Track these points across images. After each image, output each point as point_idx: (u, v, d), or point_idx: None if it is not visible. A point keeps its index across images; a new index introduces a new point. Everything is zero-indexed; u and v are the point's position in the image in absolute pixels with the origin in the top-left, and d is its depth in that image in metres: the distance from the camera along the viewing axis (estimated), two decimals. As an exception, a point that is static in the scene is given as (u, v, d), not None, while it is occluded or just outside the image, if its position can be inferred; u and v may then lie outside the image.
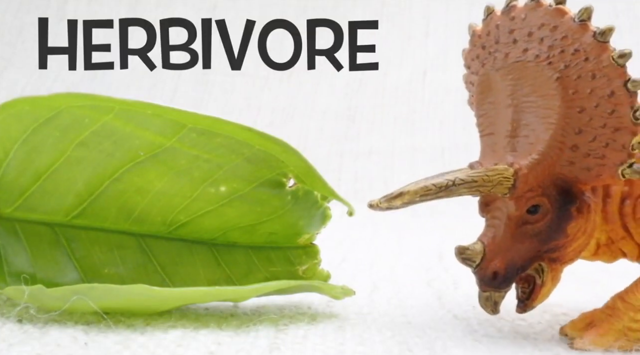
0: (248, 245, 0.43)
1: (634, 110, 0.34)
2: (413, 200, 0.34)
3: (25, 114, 0.40)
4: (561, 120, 0.35)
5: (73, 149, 0.41)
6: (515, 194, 0.35)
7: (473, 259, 0.36)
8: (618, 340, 0.37)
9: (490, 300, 0.37)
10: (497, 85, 0.38)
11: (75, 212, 0.42)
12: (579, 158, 0.36)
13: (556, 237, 0.36)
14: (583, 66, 0.35)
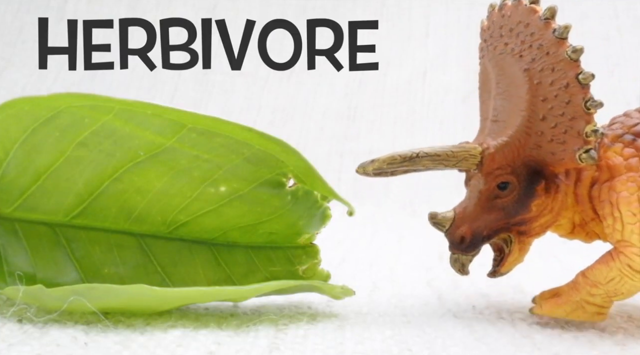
0: (248, 245, 0.43)
1: (585, 101, 0.38)
2: (381, 167, 0.38)
3: (25, 114, 0.40)
4: (528, 107, 0.39)
5: (73, 149, 0.41)
6: (483, 170, 0.40)
7: (442, 224, 0.40)
8: (574, 311, 0.41)
9: (458, 262, 0.41)
10: (490, 75, 0.42)
11: (75, 212, 0.42)
12: (544, 143, 0.39)
13: (521, 212, 0.40)
14: (545, 60, 0.39)
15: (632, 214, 0.38)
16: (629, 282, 0.39)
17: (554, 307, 0.41)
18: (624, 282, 0.39)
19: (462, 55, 1.10)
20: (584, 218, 0.41)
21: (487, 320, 0.42)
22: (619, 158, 0.40)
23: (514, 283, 0.51)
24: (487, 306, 0.45)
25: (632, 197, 0.38)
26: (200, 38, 1.18)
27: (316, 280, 0.43)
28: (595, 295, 0.40)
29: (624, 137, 0.40)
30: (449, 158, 0.39)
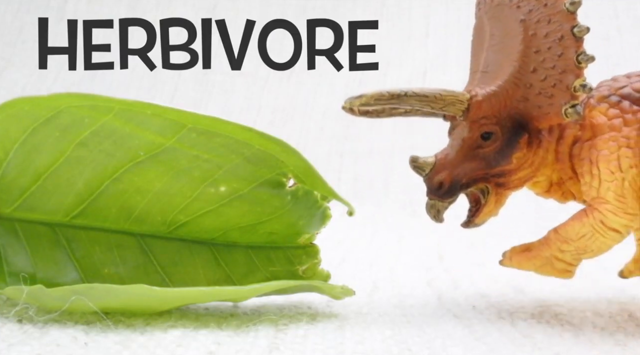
0: (248, 245, 0.43)
1: (578, 54, 0.38)
2: (369, 102, 0.38)
3: (25, 114, 0.40)
4: (520, 58, 0.39)
5: (73, 149, 0.41)
6: (468, 117, 0.40)
7: (422, 168, 0.40)
8: (543, 266, 0.42)
9: (434, 208, 0.41)
10: (485, 27, 0.42)
11: (75, 212, 0.42)
12: (532, 95, 0.39)
13: (502, 163, 0.40)
14: (542, 11, 0.39)
15: (610, 172, 0.39)
16: (600, 238, 0.40)
17: (523, 260, 0.42)
18: (595, 239, 0.40)
19: (462, 55, 1.10)
20: (562, 176, 0.41)
21: (487, 320, 0.42)
22: (602, 118, 0.40)
23: (515, 283, 0.51)
24: (487, 306, 0.45)
25: (612, 155, 0.39)
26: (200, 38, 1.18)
27: (316, 280, 0.43)
28: (565, 252, 0.41)
29: (610, 98, 0.40)
30: (436, 100, 0.39)
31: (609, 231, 0.40)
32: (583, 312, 0.46)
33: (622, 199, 0.39)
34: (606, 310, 0.46)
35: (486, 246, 0.63)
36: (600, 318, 0.44)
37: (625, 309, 0.46)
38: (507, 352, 0.37)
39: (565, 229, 0.41)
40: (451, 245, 0.67)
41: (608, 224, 0.39)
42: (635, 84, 0.40)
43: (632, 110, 0.39)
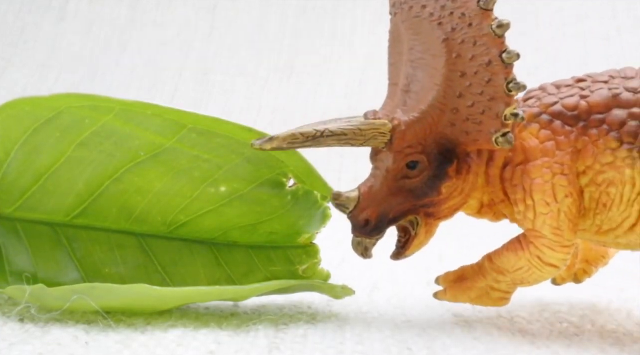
0: (248, 244, 0.43)
1: (507, 82, 0.35)
2: (281, 146, 0.36)
3: (26, 115, 0.40)
4: (444, 81, 0.36)
5: (73, 149, 0.41)
6: (392, 148, 0.37)
7: (346, 205, 0.37)
8: (479, 297, 0.40)
9: (361, 245, 0.39)
10: (402, 36, 0.39)
11: (76, 211, 0.42)
12: (459, 121, 0.37)
13: (430, 194, 0.37)
14: (467, 31, 0.36)
15: (546, 203, 0.37)
16: (536, 272, 0.38)
17: (458, 292, 0.40)
18: (531, 272, 0.38)
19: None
20: (493, 199, 0.39)
21: (487, 319, 0.42)
22: (534, 140, 0.37)
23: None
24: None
25: (547, 184, 0.37)
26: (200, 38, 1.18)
27: (316, 279, 0.43)
28: (500, 282, 0.39)
29: (541, 116, 0.38)
30: (356, 136, 0.36)
31: (546, 266, 0.38)
32: (582, 310, 0.46)
33: (558, 232, 0.37)
34: (605, 309, 0.46)
35: (485, 246, 0.63)
36: (599, 316, 0.44)
37: (624, 308, 0.46)
38: (506, 351, 0.37)
39: (500, 259, 0.39)
40: (451, 246, 0.67)
41: (545, 259, 0.38)
42: (565, 100, 0.38)
43: (564, 132, 0.37)
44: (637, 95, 0.37)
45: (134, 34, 1.18)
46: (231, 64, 1.14)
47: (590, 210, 0.38)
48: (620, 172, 0.37)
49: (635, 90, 0.37)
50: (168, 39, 1.17)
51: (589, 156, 0.37)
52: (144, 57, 1.15)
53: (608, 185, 0.37)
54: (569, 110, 0.38)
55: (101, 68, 1.14)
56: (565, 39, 1.08)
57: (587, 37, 1.07)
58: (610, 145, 0.37)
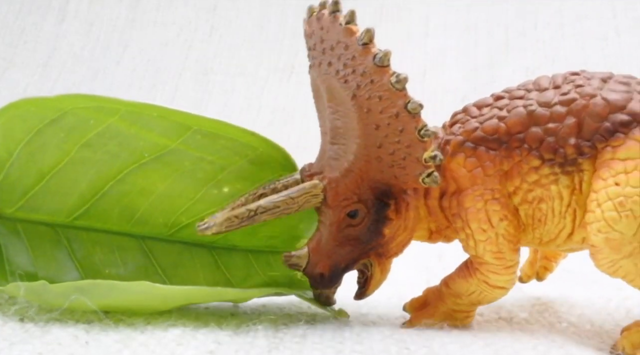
0: (247, 248, 0.43)
1: (418, 130, 0.36)
2: (220, 231, 0.37)
3: (31, 115, 0.40)
4: (362, 135, 0.37)
5: (77, 150, 0.41)
6: (328, 205, 0.38)
7: (299, 264, 0.39)
8: (444, 320, 0.41)
9: (322, 296, 0.40)
10: (320, 89, 0.39)
11: (78, 213, 0.42)
12: (385, 168, 0.37)
13: (375, 238, 0.39)
14: (371, 87, 0.36)
15: (483, 230, 0.38)
16: (488, 295, 0.39)
17: (424, 319, 0.41)
18: (484, 295, 0.40)
19: (461, 55, 1.10)
20: (439, 226, 0.40)
21: (486, 316, 0.42)
22: (462, 170, 0.38)
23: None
24: (486, 306, 0.45)
25: (481, 212, 0.38)
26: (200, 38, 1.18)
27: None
28: (460, 304, 0.40)
29: (465, 145, 0.39)
30: (290, 206, 0.37)
31: (495, 289, 0.39)
32: (581, 308, 0.46)
33: (499, 256, 0.38)
34: (604, 307, 0.46)
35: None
36: (598, 315, 0.44)
37: (623, 307, 0.46)
38: (504, 344, 0.37)
39: (454, 285, 0.40)
40: (450, 245, 0.67)
41: (492, 283, 0.39)
42: (485, 124, 0.38)
43: (489, 157, 0.38)
44: (551, 110, 0.38)
45: (134, 34, 1.18)
46: (231, 64, 1.14)
47: (529, 226, 0.39)
48: (547, 189, 0.38)
49: (548, 105, 0.38)
50: (168, 39, 1.17)
51: (516, 176, 0.38)
52: (145, 58, 1.15)
53: (539, 202, 0.38)
54: (490, 135, 0.38)
55: (102, 68, 1.14)
56: (564, 39, 1.08)
57: (586, 37, 1.07)
58: (533, 164, 0.38)
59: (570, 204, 0.38)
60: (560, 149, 0.37)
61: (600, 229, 0.36)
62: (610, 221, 0.35)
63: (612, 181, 0.36)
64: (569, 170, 0.37)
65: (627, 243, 0.36)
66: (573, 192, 0.37)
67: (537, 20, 1.11)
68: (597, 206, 0.36)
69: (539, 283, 0.48)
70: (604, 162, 0.36)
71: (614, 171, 0.36)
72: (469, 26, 1.12)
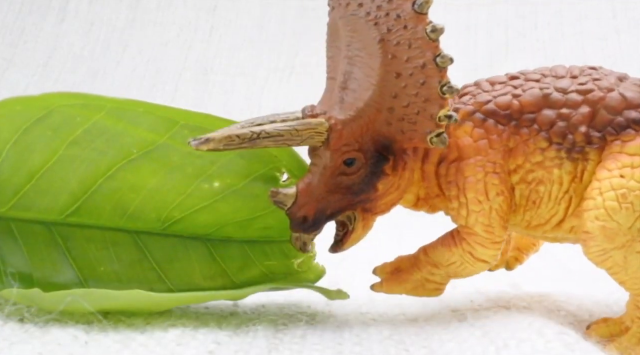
0: (243, 239, 0.43)
1: (442, 85, 0.36)
2: (217, 147, 0.36)
3: (17, 114, 0.40)
4: (380, 82, 0.36)
5: (65, 148, 0.41)
6: (329, 146, 0.37)
7: (285, 203, 0.38)
8: (415, 288, 0.41)
9: (300, 241, 0.39)
10: (340, 32, 0.39)
11: (70, 210, 0.42)
12: (395, 120, 0.37)
13: (367, 191, 0.38)
14: (402, 33, 0.36)
15: (478, 201, 0.38)
16: (469, 267, 0.39)
17: (394, 285, 0.41)
18: (464, 267, 0.40)
19: (462, 55, 1.10)
20: (429, 193, 0.40)
21: (484, 311, 0.42)
22: (468, 139, 0.38)
23: (513, 281, 0.51)
24: (486, 300, 0.45)
25: (479, 183, 0.38)
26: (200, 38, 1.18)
27: (312, 279, 0.43)
28: (435, 275, 0.40)
29: (475, 115, 0.38)
30: (292, 137, 0.36)
31: (478, 262, 0.39)
32: (580, 299, 0.46)
33: (489, 229, 0.38)
34: (604, 300, 0.46)
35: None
36: (597, 306, 0.44)
37: (623, 299, 0.46)
38: (504, 336, 0.37)
39: (435, 253, 0.40)
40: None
41: (476, 255, 0.39)
42: (499, 99, 0.38)
43: (497, 131, 0.38)
44: (567, 96, 0.38)
45: (134, 34, 1.18)
46: (231, 64, 1.14)
47: (521, 207, 0.39)
48: (549, 172, 0.38)
49: (564, 91, 0.38)
50: (168, 39, 1.17)
51: (520, 155, 0.38)
52: (145, 58, 1.15)
53: (537, 184, 0.38)
54: (502, 110, 0.38)
55: (102, 68, 1.14)
56: (564, 39, 1.08)
57: (586, 37, 1.07)
58: (540, 145, 0.38)
59: (568, 191, 0.38)
60: (570, 135, 0.37)
61: (598, 217, 0.36)
62: (610, 210, 0.36)
63: (618, 173, 0.36)
64: (574, 157, 0.37)
65: (622, 234, 0.36)
66: (573, 179, 0.38)
67: (537, 20, 1.11)
68: (599, 194, 0.36)
69: (537, 280, 0.48)
70: (612, 154, 0.37)
71: (620, 164, 0.36)
72: (469, 26, 1.12)
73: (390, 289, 0.41)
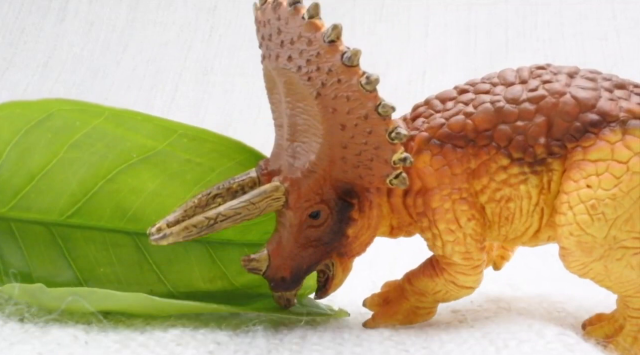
0: (242, 242, 0.43)
1: (389, 133, 0.35)
2: (177, 240, 0.35)
3: (17, 116, 0.40)
4: (326, 135, 0.36)
5: (66, 151, 0.41)
6: (290, 207, 0.36)
7: (259, 268, 0.37)
8: (407, 317, 0.40)
9: (283, 298, 0.39)
10: (276, 82, 0.38)
11: (70, 211, 0.42)
12: (350, 168, 0.36)
13: (338, 239, 0.37)
14: (337, 87, 0.35)
15: (451, 231, 0.37)
16: (454, 294, 0.39)
17: (386, 318, 0.40)
18: (450, 294, 0.39)
19: (462, 55, 1.10)
20: (401, 222, 0.40)
21: (485, 312, 0.42)
22: (429, 168, 0.38)
23: (512, 282, 0.51)
24: (486, 300, 0.45)
25: (449, 213, 0.37)
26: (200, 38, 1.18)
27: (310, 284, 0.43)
28: (424, 302, 0.40)
29: (431, 142, 0.38)
30: (251, 212, 0.36)
31: (462, 289, 0.39)
32: (580, 300, 0.46)
33: (467, 256, 0.38)
34: (603, 301, 0.46)
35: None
36: (597, 307, 0.44)
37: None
38: (505, 337, 0.37)
39: (418, 283, 0.40)
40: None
41: (459, 284, 0.39)
42: (451, 121, 0.38)
43: (455, 155, 0.37)
44: (519, 107, 0.37)
45: (134, 34, 1.18)
46: (231, 64, 1.14)
47: (494, 224, 0.39)
48: (516, 189, 0.37)
49: (516, 102, 0.37)
50: (168, 40, 1.17)
51: (484, 175, 0.37)
52: (145, 58, 1.15)
53: (507, 201, 0.37)
54: (457, 132, 0.37)
55: (102, 68, 1.14)
56: (564, 39, 1.08)
57: (586, 37, 1.07)
58: (502, 163, 0.37)
59: (539, 204, 0.37)
60: (530, 148, 0.37)
61: (572, 232, 0.36)
62: (582, 224, 0.35)
63: (584, 183, 0.35)
64: (537, 170, 0.37)
65: (598, 246, 0.35)
66: (541, 191, 0.37)
67: (537, 20, 1.11)
68: (569, 209, 0.36)
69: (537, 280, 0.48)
70: (575, 162, 0.36)
71: (585, 173, 0.35)
72: (469, 26, 1.12)
73: (383, 323, 0.40)
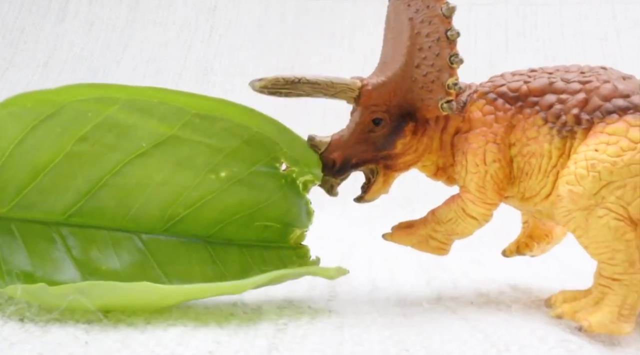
0: (242, 243, 0.43)
1: (450, 56, 0.42)
2: (266, 86, 0.42)
3: (27, 111, 0.40)
4: (407, 54, 0.43)
5: (74, 144, 0.41)
6: (360, 104, 0.43)
7: (318, 147, 0.44)
8: (420, 243, 0.46)
9: (328, 183, 0.45)
10: (390, 20, 0.46)
11: (72, 210, 0.42)
12: (416, 88, 0.43)
13: (387, 147, 0.44)
14: (425, 12, 0.43)
15: (475, 164, 0.43)
16: (461, 223, 0.44)
17: (402, 236, 0.46)
18: (457, 223, 0.44)
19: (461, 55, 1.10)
20: (445, 162, 0.45)
21: (485, 313, 0.42)
22: (478, 113, 0.44)
23: (513, 283, 0.51)
24: (486, 302, 0.45)
25: (479, 149, 0.43)
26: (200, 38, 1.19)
27: (310, 266, 0.43)
28: (437, 232, 0.45)
29: (488, 95, 0.44)
30: (327, 88, 0.43)
31: (468, 218, 0.44)
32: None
33: (482, 190, 0.43)
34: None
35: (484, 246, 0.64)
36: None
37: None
38: (505, 340, 0.37)
39: (439, 211, 0.45)
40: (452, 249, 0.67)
41: (467, 211, 0.44)
42: (512, 83, 0.44)
43: (504, 109, 0.43)
44: (568, 85, 0.42)
45: (134, 34, 1.18)
46: (231, 64, 1.14)
47: (517, 179, 0.43)
48: (541, 146, 0.42)
49: (568, 81, 0.43)
50: (168, 39, 1.17)
51: (519, 131, 0.43)
52: (145, 58, 1.15)
53: (531, 157, 0.42)
54: (512, 92, 0.43)
55: (102, 68, 1.14)
56: (564, 39, 1.08)
57: (586, 37, 1.07)
58: (537, 123, 0.42)
59: (556, 166, 0.42)
60: (563, 116, 0.42)
61: (568, 181, 0.40)
62: (578, 176, 0.39)
63: (593, 147, 0.40)
64: (564, 135, 0.41)
65: (585, 198, 0.39)
66: (561, 155, 0.41)
67: (537, 20, 1.11)
68: (573, 163, 0.40)
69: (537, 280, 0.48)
70: (593, 133, 0.41)
71: (598, 140, 0.40)
72: (469, 26, 1.12)
73: (399, 239, 0.46)
